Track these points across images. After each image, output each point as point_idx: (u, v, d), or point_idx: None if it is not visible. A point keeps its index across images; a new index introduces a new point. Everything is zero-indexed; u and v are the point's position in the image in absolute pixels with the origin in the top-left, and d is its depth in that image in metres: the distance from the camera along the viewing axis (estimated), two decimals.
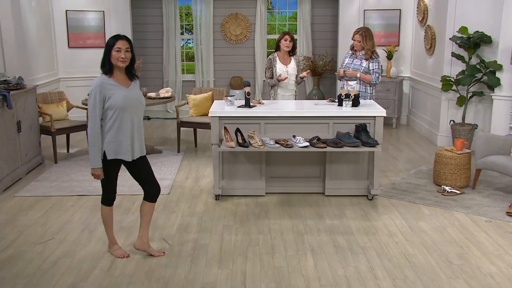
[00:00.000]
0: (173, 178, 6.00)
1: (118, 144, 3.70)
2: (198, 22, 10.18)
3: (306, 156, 5.34)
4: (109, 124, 3.65)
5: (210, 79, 10.41)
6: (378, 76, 5.83)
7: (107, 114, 3.64)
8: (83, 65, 8.98)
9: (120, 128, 3.68)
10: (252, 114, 5.16)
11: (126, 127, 3.70)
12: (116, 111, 3.64)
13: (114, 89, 3.65)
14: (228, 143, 4.95)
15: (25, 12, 7.41)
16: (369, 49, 5.79)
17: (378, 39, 9.01)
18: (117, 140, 3.69)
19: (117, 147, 3.71)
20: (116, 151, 3.72)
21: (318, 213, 4.90)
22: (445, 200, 5.26)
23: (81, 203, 5.20)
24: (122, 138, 3.70)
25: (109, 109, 3.62)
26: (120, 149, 3.72)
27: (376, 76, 5.82)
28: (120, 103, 3.64)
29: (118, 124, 3.67)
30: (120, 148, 3.72)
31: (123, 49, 3.67)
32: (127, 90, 3.72)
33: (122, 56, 3.67)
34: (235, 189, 5.36)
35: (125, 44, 3.69)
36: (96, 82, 3.65)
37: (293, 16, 10.51)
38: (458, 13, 7.13)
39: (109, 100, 3.61)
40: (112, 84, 3.67)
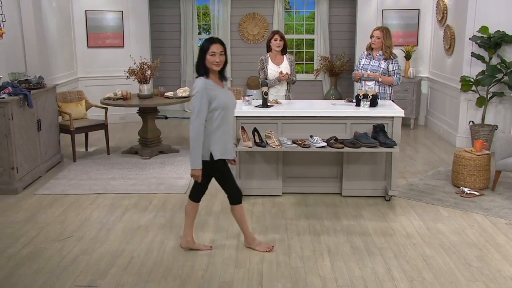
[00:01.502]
0: (190, 177, 6.01)
1: (224, 144, 3.79)
2: (216, 22, 10.22)
3: (323, 156, 5.32)
4: (215, 124, 3.72)
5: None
6: (399, 77, 5.76)
7: (213, 115, 3.70)
8: (102, 64, 9.06)
9: (225, 128, 3.78)
10: (270, 114, 5.16)
11: (229, 127, 3.82)
12: (222, 111, 3.71)
13: (217, 90, 3.72)
14: (245, 142, 4.95)
15: (45, 12, 7.51)
16: (388, 47, 5.71)
17: (396, 39, 8.95)
18: (223, 140, 3.78)
19: (224, 147, 3.80)
20: (223, 151, 3.80)
21: (335, 214, 4.88)
22: (464, 201, 5.20)
23: (99, 201, 5.25)
24: (227, 138, 3.81)
25: (215, 110, 3.69)
26: (226, 149, 3.82)
27: (397, 78, 5.74)
28: (225, 104, 3.73)
29: (223, 125, 3.75)
30: (226, 148, 3.81)
31: (217, 52, 3.70)
32: (224, 90, 3.80)
33: (217, 60, 3.71)
34: (252, 189, 5.36)
35: (219, 47, 3.71)
36: (200, 84, 3.68)
37: (310, 16, 10.48)
38: (478, 12, 7.04)
39: (215, 101, 3.68)
40: (214, 85, 3.73)
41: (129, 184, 5.76)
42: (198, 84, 3.68)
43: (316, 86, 10.45)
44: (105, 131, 7.03)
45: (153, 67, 6.86)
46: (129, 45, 9.15)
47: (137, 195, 5.44)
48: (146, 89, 6.86)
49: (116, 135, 8.22)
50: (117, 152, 7.17)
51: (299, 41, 10.77)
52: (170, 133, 8.45)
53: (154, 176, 6.07)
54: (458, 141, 7.42)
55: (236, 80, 10.42)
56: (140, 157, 6.84)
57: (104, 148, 7.21)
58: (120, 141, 7.84)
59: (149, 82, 6.89)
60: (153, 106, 6.83)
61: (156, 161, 6.71)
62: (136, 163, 6.59)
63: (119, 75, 7.93)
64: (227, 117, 3.78)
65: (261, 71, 5.85)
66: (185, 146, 7.54)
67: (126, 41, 9.16)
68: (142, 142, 7.02)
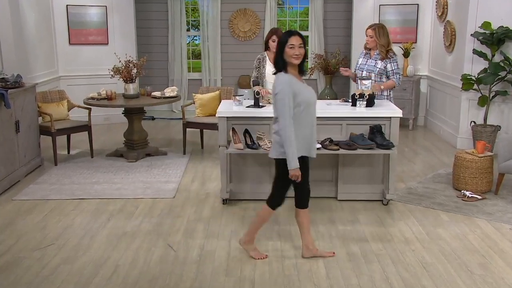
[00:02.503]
0: (179, 181, 6.01)
1: (308, 141, 3.81)
2: (205, 18, 10.22)
3: (317, 158, 5.27)
4: (298, 121, 3.72)
5: (217, 77, 10.44)
6: (399, 77, 5.70)
7: (297, 111, 3.71)
8: (85, 62, 9.04)
9: (309, 125, 3.79)
10: (262, 115, 5.16)
11: (313, 123, 3.82)
12: (306, 106, 3.73)
13: (298, 85, 3.73)
14: (236, 144, 4.95)
15: (23, 6, 7.46)
16: (383, 46, 5.62)
17: (394, 35, 8.98)
18: (307, 137, 3.79)
19: (308, 144, 3.81)
20: (307, 149, 3.82)
21: (330, 219, 4.89)
22: (466, 205, 5.22)
23: (82, 207, 5.23)
24: (311, 135, 3.82)
25: (298, 106, 3.70)
26: (310, 146, 3.84)
27: (397, 78, 5.67)
28: (308, 99, 3.75)
29: (307, 121, 3.76)
30: (310, 145, 3.83)
31: (296, 45, 3.71)
32: (305, 85, 3.82)
33: (296, 53, 3.71)
34: (244, 193, 5.36)
35: (298, 40, 3.72)
36: (283, 79, 3.70)
37: (304, 12, 10.52)
38: (480, 7, 7.07)
39: (299, 96, 3.69)
40: (295, 80, 3.75)
41: (114, 189, 5.74)
42: (281, 80, 3.70)
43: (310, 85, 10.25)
44: (88, 133, 7.00)
45: (139, 65, 6.85)
46: (114, 42, 9.14)
47: (123, 200, 5.42)
48: (131, 88, 6.85)
49: (100, 137, 8.19)
50: (101, 155, 7.15)
51: None
52: (157, 135, 8.43)
53: (140, 180, 6.05)
54: (459, 142, 7.46)
55: (226, 79, 10.44)
56: (125, 160, 6.82)
57: (88, 150, 7.18)
58: (105, 143, 7.81)
59: (135, 81, 6.88)
60: (139, 106, 6.82)
61: (143, 164, 6.69)
62: (122, 167, 6.57)
63: (103, 74, 7.92)
64: (311, 112, 3.79)
65: (255, 70, 5.81)
66: (173, 148, 7.53)
67: (111, 38, 9.15)
68: (127, 144, 7.01)
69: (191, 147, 7.55)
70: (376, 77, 5.70)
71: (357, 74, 5.84)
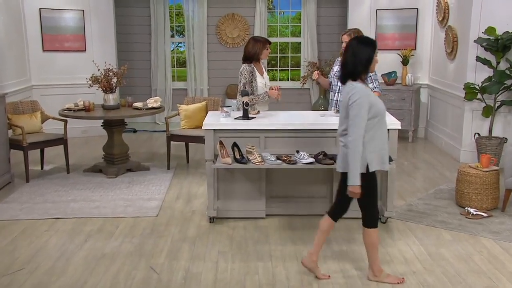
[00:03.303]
0: (162, 198, 6.00)
1: (382, 154, 3.86)
2: (190, 24, 10.27)
3: (311, 173, 5.35)
4: (371, 133, 3.77)
5: (203, 87, 10.46)
6: (378, 84, 5.72)
7: (371, 123, 3.76)
8: (60, 71, 9.01)
9: (382, 137, 3.85)
10: (251, 127, 5.18)
11: (385, 135, 3.89)
12: (381, 118, 3.80)
13: (372, 95, 3.81)
14: (224, 159, 4.96)
15: None
16: None
17: (392, 42, 9.09)
18: (380, 149, 3.84)
19: (381, 157, 3.86)
20: (381, 162, 3.86)
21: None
22: (470, 224, 5.24)
23: (56, 227, 5.20)
24: (384, 147, 3.88)
25: (373, 117, 3.75)
26: (384, 159, 3.88)
27: (377, 85, 5.69)
28: (382, 110, 3.84)
29: (380, 133, 3.82)
30: (383, 158, 3.88)
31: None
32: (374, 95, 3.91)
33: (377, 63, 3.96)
34: (232, 211, 5.37)
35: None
36: (361, 89, 3.75)
37: (296, 17, 10.60)
38: (484, 11, 7.09)
39: (374, 106, 3.76)
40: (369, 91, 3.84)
41: (92, 207, 5.72)
42: (359, 89, 3.76)
43: (303, 95, 10.54)
44: (64, 147, 6.98)
45: (120, 74, 6.85)
46: (92, 49, 9.14)
47: (101, 219, 5.40)
48: (111, 99, 6.85)
49: (77, 151, 8.16)
50: (78, 170, 7.12)
51: (284, 45, 10.87)
52: (139, 149, 8.42)
53: (121, 197, 6.04)
54: (462, 155, 7.51)
55: (213, 88, 10.46)
56: (104, 176, 6.80)
57: (63, 166, 7.15)
58: (82, 158, 7.79)
59: (115, 91, 6.88)
60: (120, 118, 6.82)
61: (123, 180, 6.68)
62: (101, 183, 6.55)
63: (81, 83, 7.90)
64: (383, 124, 3.86)
65: (248, 84, 5.73)
66: (156, 162, 7.52)
67: (88, 45, 9.14)
68: (107, 159, 6.99)
69: (175, 161, 7.55)
70: None
71: (332, 82, 5.90)
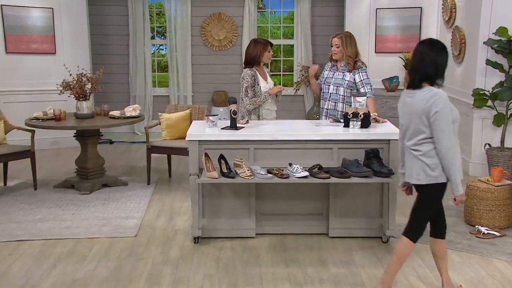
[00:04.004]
0: (142, 216, 6.02)
1: (460, 161, 3.95)
2: (173, 24, 10.32)
3: (305, 188, 5.39)
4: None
5: (187, 94, 10.50)
6: (371, 87, 5.81)
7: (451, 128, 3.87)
8: (27, 75, 8.98)
9: (457, 143, 3.94)
10: (239, 138, 5.22)
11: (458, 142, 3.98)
12: (456, 124, 3.92)
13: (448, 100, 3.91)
14: (210, 173, 4.98)
15: None
16: (350, 57, 5.77)
17: (394, 44, 9.17)
18: (459, 157, 3.94)
19: (460, 164, 3.95)
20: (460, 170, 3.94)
21: (320, 259, 4.93)
22: (481, 244, 5.27)
23: (21, 250, 5.18)
24: (459, 155, 3.97)
25: (453, 123, 3.87)
26: (461, 167, 3.96)
27: (369, 89, 5.77)
28: (458, 114, 3.95)
29: (456, 138, 3.92)
30: (460, 165, 3.95)
31: None
32: None
33: None
34: (218, 230, 5.39)
35: None
36: (442, 95, 3.85)
37: (288, 17, 10.68)
38: (495, 10, 7.10)
39: (453, 112, 3.88)
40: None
41: (62, 227, 5.72)
42: (441, 95, 3.84)
43: (297, 103, 10.60)
44: (31, 160, 6.98)
45: (95, 80, 6.87)
46: (63, 51, 9.15)
47: (73, 240, 5.40)
48: (85, 107, 6.86)
49: (46, 165, 8.16)
50: (47, 186, 7.12)
51: (275, 47, 10.93)
52: (116, 162, 8.43)
53: (95, 215, 6.05)
54: (471, 168, 7.56)
55: (198, 95, 10.50)
56: (77, 192, 6.81)
57: (30, 181, 7.14)
58: (52, 173, 7.79)
59: (89, 98, 6.90)
60: (95, 128, 6.83)
61: (98, 196, 6.68)
62: (73, 200, 6.55)
63: (50, 89, 7.91)
64: (456, 130, 3.96)
65: (251, 89, 5.86)
66: (135, 177, 7.53)
67: (59, 46, 9.16)
68: (80, 173, 7.00)
69: (156, 175, 7.56)
70: (346, 91, 5.81)
71: (323, 89, 5.99)
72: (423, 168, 3.91)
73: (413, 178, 3.99)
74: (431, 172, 3.88)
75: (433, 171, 3.87)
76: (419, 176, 3.94)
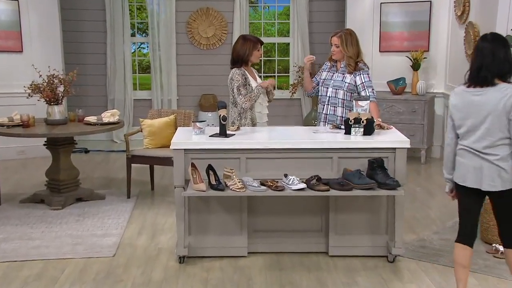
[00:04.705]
0: (121, 233, 6.01)
1: None
2: (155, 20, 10.32)
3: (302, 202, 5.40)
4: None
5: (172, 97, 10.50)
6: (372, 90, 5.84)
7: None
8: None
9: None
10: (229, 146, 5.22)
11: None
12: None
13: None
14: (197, 185, 4.99)
15: None
16: (351, 57, 5.79)
17: (400, 42, 9.19)
18: None
19: None
20: None
21: (319, 281, 4.94)
22: (499, 264, 5.25)
23: None
24: None
25: None
26: None
27: (370, 91, 5.80)
28: None
29: None
30: None
31: None
32: None
33: None
34: (207, 248, 5.39)
35: None
36: None
37: (284, 12, 10.72)
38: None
39: None
40: None
41: (30, 247, 5.69)
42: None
43: (293, 107, 10.62)
44: None
45: (68, 81, 6.86)
46: (31, 49, 9.12)
47: (43, 261, 5.38)
48: (57, 112, 6.85)
49: (12, 177, 8.14)
50: (13, 201, 7.08)
51: (269, 46, 10.99)
52: (92, 173, 8.42)
53: (68, 233, 6.03)
54: None
55: (184, 99, 10.50)
56: (48, 208, 6.78)
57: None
58: (18, 186, 7.77)
59: (61, 103, 6.89)
60: (68, 135, 6.80)
61: (72, 212, 6.67)
62: (42, 216, 6.54)
63: (17, 92, 7.90)
64: None
65: (243, 87, 5.89)
66: (114, 190, 7.53)
67: (26, 44, 9.13)
68: (51, 186, 6.98)
69: (137, 188, 7.56)
70: (346, 94, 5.85)
71: (321, 92, 6.04)
72: (498, 173, 3.99)
73: (485, 185, 4.05)
74: (507, 176, 3.98)
75: (508, 174, 3.97)
76: (495, 182, 4.01)
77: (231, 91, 5.96)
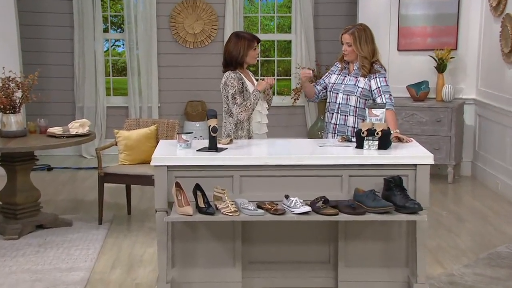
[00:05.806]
0: (91, 267, 6.02)
1: None
2: (132, 13, 10.34)
3: (306, 228, 5.42)
4: None
5: (152, 105, 10.51)
6: (390, 96, 5.83)
7: None
8: None
9: None
10: (221, 162, 5.22)
11: None
12: None
13: None
14: (182, 208, 4.99)
15: None
16: (365, 58, 5.79)
17: (422, 39, 9.21)
18: None
19: None
20: None
21: None
22: None
23: None
24: None
25: None
26: None
27: (387, 97, 5.79)
28: None
29: None
30: None
31: None
32: None
33: None
34: (193, 283, 5.40)
35: None
36: None
37: (285, 4, 10.75)
38: None
39: None
40: None
41: None
42: None
43: (296, 116, 10.65)
44: None
45: (27, 86, 6.88)
46: None
47: None
48: (13, 122, 6.84)
49: None
50: None
51: (268, 44, 11.05)
52: (56, 195, 8.42)
53: (25, 268, 6.03)
54: None
55: (166, 106, 10.51)
56: (1, 237, 6.78)
57: None
58: None
59: (19, 111, 6.90)
60: (27, 150, 6.81)
61: (31, 242, 6.67)
62: None
63: None
64: None
65: (239, 95, 5.88)
66: (83, 215, 7.53)
67: None
68: (5, 212, 6.98)
69: (111, 212, 7.57)
70: (359, 101, 5.86)
71: (329, 98, 6.04)
72: None
73: None
74: None
75: None
76: None
77: (225, 98, 5.93)
